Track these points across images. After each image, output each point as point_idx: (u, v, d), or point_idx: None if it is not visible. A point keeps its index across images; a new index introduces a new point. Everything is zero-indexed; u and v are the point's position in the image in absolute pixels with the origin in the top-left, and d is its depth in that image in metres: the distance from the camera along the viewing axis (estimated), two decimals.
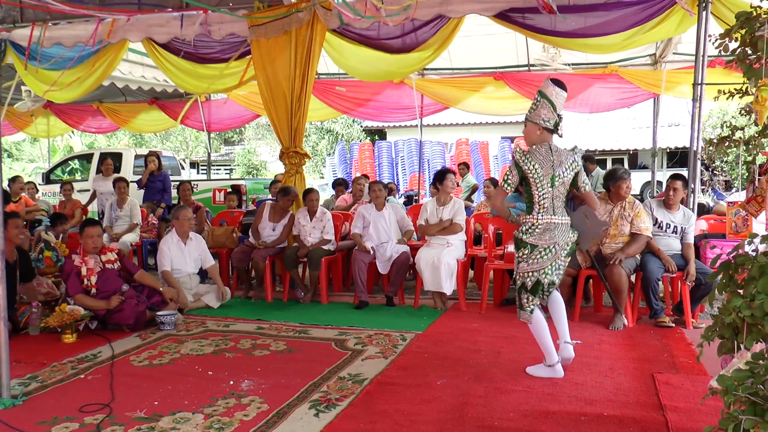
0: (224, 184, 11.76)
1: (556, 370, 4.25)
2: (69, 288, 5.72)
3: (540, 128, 4.17)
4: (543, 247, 4.13)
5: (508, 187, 4.22)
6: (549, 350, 4.26)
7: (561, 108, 4.19)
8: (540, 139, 4.19)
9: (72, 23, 7.87)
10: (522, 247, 4.18)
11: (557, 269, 4.22)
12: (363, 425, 3.52)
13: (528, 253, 4.15)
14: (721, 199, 11.33)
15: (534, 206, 4.16)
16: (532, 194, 4.16)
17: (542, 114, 4.15)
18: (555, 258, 4.16)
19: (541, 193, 4.13)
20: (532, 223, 4.15)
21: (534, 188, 4.13)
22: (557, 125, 4.17)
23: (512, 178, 4.18)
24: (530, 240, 4.13)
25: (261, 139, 31.30)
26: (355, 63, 7.89)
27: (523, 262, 4.18)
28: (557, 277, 4.24)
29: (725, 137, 4.13)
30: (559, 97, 4.16)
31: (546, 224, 4.13)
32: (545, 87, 4.17)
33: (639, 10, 6.33)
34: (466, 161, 14.88)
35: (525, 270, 4.19)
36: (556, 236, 4.14)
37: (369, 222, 6.85)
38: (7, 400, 3.87)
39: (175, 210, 6.94)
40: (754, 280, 2.39)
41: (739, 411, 2.06)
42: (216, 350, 5.04)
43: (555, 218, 4.15)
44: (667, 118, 18.22)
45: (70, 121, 13.00)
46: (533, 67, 9.81)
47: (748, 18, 3.31)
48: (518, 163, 4.13)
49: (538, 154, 4.13)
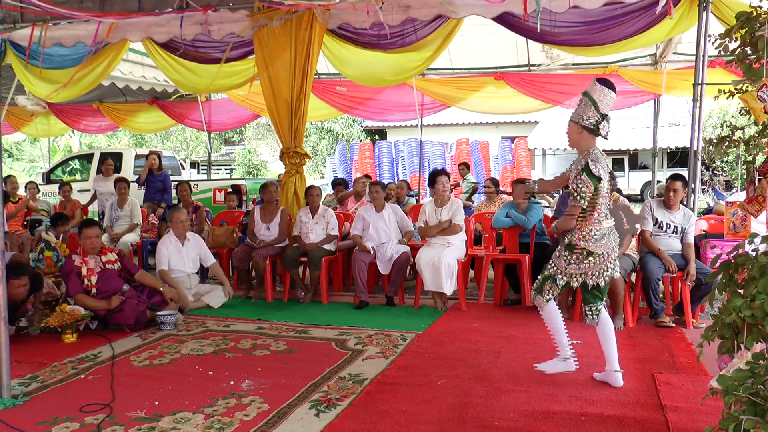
0: (224, 184, 11.76)
1: (568, 364, 4.20)
2: (69, 288, 5.72)
3: (581, 128, 4.04)
4: (598, 253, 4.01)
5: (586, 203, 3.97)
6: (562, 342, 4.22)
7: (607, 108, 4.02)
8: (583, 141, 4.05)
9: (72, 23, 7.88)
10: (577, 252, 4.04)
11: (606, 271, 4.07)
12: (363, 425, 3.52)
13: (583, 257, 4.03)
14: (722, 199, 11.32)
15: (593, 213, 4.00)
16: (595, 203, 3.98)
17: (583, 113, 4.02)
18: (606, 261, 4.04)
19: (603, 200, 4.01)
20: (591, 229, 4.01)
21: (600, 197, 3.98)
22: (598, 124, 4.00)
23: (589, 191, 3.95)
24: (590, 246, 4.00)
25: (261, 139, 31.30)
26: (354, 69, 7.93)
27: (574, 264, 4.07)
28: (604, 279, 4.09)
29: (725, 137, 4.13)
30: (604, 96, 4.00)
31: (604, 230, 4.03)
32: (591, 87, 4.04)
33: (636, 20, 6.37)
34: (466, 161, 14.86)
35: (574, 272, 4.07)
36: (611, 240, 4.06)
37: (369, 223, 6.85)
38: (7, 400, 3.88)
39: (170, 212, 6.96)
40: (754, 280, 2.39)
41: (740, 411, 2.06)
42: (216, 350, 5.04)
43: (608, 222, 4.07)
44: (667, 118, 18.23)
45: (69, 121, 12.98)
46: (534, 66, 9.81)
47: (748, 18, 3.31)
48: (597, 175, 3.92)
49: (602, 162, 3.99)
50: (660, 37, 7.06)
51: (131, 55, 9.60)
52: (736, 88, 3.87)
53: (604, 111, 4.01)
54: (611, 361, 4.15)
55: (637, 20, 6.41)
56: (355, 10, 6.92)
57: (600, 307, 4.16)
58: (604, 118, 4.01)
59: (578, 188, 3.97)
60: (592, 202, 3.99)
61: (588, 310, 4.18)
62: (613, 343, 4.15)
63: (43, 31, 7.90)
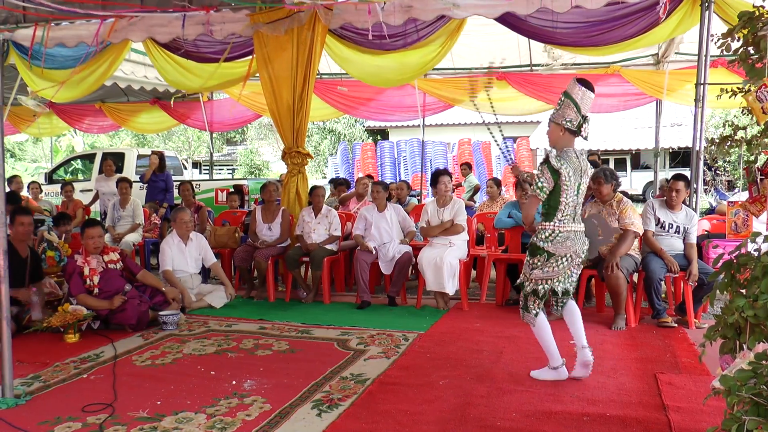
0: (226, 184, 11.77)
1: (560, 373, 4.22)
2: (72, 288, 5.73)
3: (563, 129, 4.02)
4: (560, 255, 4.02)
5: (543, 194, 3.98)
6: (552, 353, 4.22)
7: (587, 109, 4.02)
8: (563, 141, 4.04)
9: (74, 23, 7.88)
10: (539, 254, 4.06)
11: (570, 277, 4.14)
12: (365, 425, 3.52)
13: (544, 260, 4.04)
14: (724, 199, 11.31)
15: (557, 213, 4.00)
16: (558, 201, 3.97)
17: (566, 114, 4.00)
18: (570, 266, 4.09)
19: (567, 200, 3.99)
20: (552, 230, 4.02)
21: (563, 194, 3.97)
22: (581, 126, 4.00)
23: (547, 183, 3.95)
24: (549, 248, 4.01)
25: (263, 139, 31.31)
26: (359, 69, 7.97)
27: (538, 269, 4.07)
28: (570, 285, 4.17)
29: (727, 137, 4.12)
30: (585, 97, 3.99)
31: (567, 232, 4.01)
32: (571, 87, 4.02)
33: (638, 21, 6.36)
34: (468, 161, 14.85)
35: (539, 277, 4.08)
36: (575, 244, 4.05)
37: (371, 223, 6.85)
38: (10, 399, 3.88)
39: (173, 212, 6.97)
40: (757, 280, 2.38)
41: (743, 411, 2.05)
42: (218, 350, 5.04)
43: (575, 226, 4.06)
44: (669, 118, 18.16)
45: (72, 121, 13.01)
46: (536, 67, 9.80)
47: (751, 18, 3.30)
48: (555, 167, 3.91)
49: (571, 159, 3.98)
50: (662, 38, 7.05)
51: (133, 55, 9.61)
52: (739, 88, 3.86)
53: (584, 112, 4.01)
54: (579, 339, 4.24)
55: (640, 20, 6.41)
56: (357, 10, 6.92)
57: (567, 300, 4.24)
58: (585, 119, 4.02)
59: (537, 178, 4.00)
60: (555, 199, 3.98)
61: (554, 301, 4.24)
62: (580, 323, 4.26)
63: (46, 32, 7.91)
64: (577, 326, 4.27)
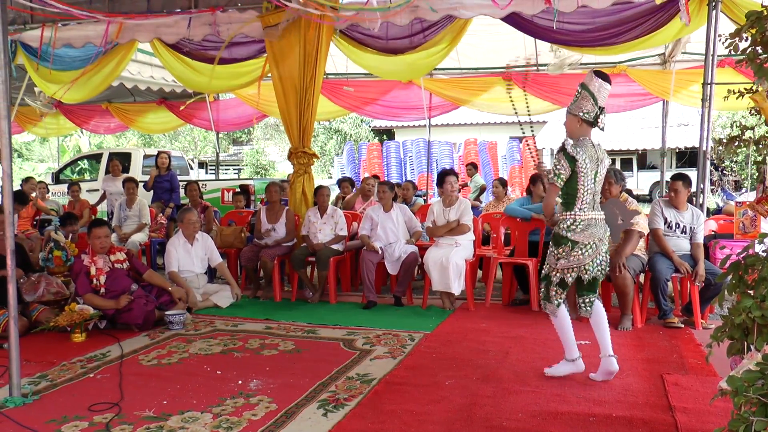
0: (233, 184, 11.79)
1: (577, 365, 4.22)
2: (78, 287, 5.75)
3: (580, 120, 4.05)
4: (584, 243, 4.03)
5: (561, 181, 4.03)
6: (570, 345, 4.24)
7: (603, 101, 4.07)
8: (580, 132, 4.08)
9: (81, 24, 7.91)
10: (563, 244, 4.07)
11: (599, 265, 4.13)
12: (371, 425, 3.52)
13: (569, 249, 4.05)
14: (731, 199, 11.26)
15: (576, 202, 4.04)
16: (576, 189, 4.01)
17: (583, 106, 4.05)
18: (596, 254, 4.08)
19: (586, 187, 4.02)
20: (574, 219, 4.05)
21: (580, 183, 4.00)
22: (597, 118, 4.04)
23: (564, 171, 4.01)
24: (572, 237, 4.03)
25: (269, 139, 31.38)
26: (366, 62, 8.05)
27: (563, 258, 4.08)
28: (600, 272, 4.15)
29: (735, 137, 4.10)
30: (602, 89, 4.04)
31: (588, 220, 4.04)
32: (588, 79, 4.06)
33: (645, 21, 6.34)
34: (474, 161, 14.86)
35: (565, 266, 4.09)
36: (597, 231, 4.07)
37: (377, 223, 6.85)
38: (17, 398, 3.90)
39: (180, 213, 6.98)
40: (765, 281, 2.37)
41: (750, 412, 2.04)
42: (224, 350, 5.05)
43: (595, 214, 4.08)
44: (676, 118, 18.12)
45: (78, 121, 13.06)
46: (542, 66, 9.78)
47: (759, 17, 3.28)
48: (571, 155, 3.98)
49: (587, 147, 4.03)
50: (669, 37, 7.02)
51: (140, 55, 9.64)
52: (746, 89, 3.85)
53: (601, 104, 4.07)
54: (605, 348, 4.19)
55: (647, 20, 6.39)
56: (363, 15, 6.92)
57: (593, 299, 4.21)
58: (601, 111, 4.07)
59: (555, 167, 4.05)
60: (572, 187, 4.02)
61: (582, 302, 4.23)
62: (606, 331, 4.23)
63: (53, 32, 7.94)
64: (604, 332, 4.23)
